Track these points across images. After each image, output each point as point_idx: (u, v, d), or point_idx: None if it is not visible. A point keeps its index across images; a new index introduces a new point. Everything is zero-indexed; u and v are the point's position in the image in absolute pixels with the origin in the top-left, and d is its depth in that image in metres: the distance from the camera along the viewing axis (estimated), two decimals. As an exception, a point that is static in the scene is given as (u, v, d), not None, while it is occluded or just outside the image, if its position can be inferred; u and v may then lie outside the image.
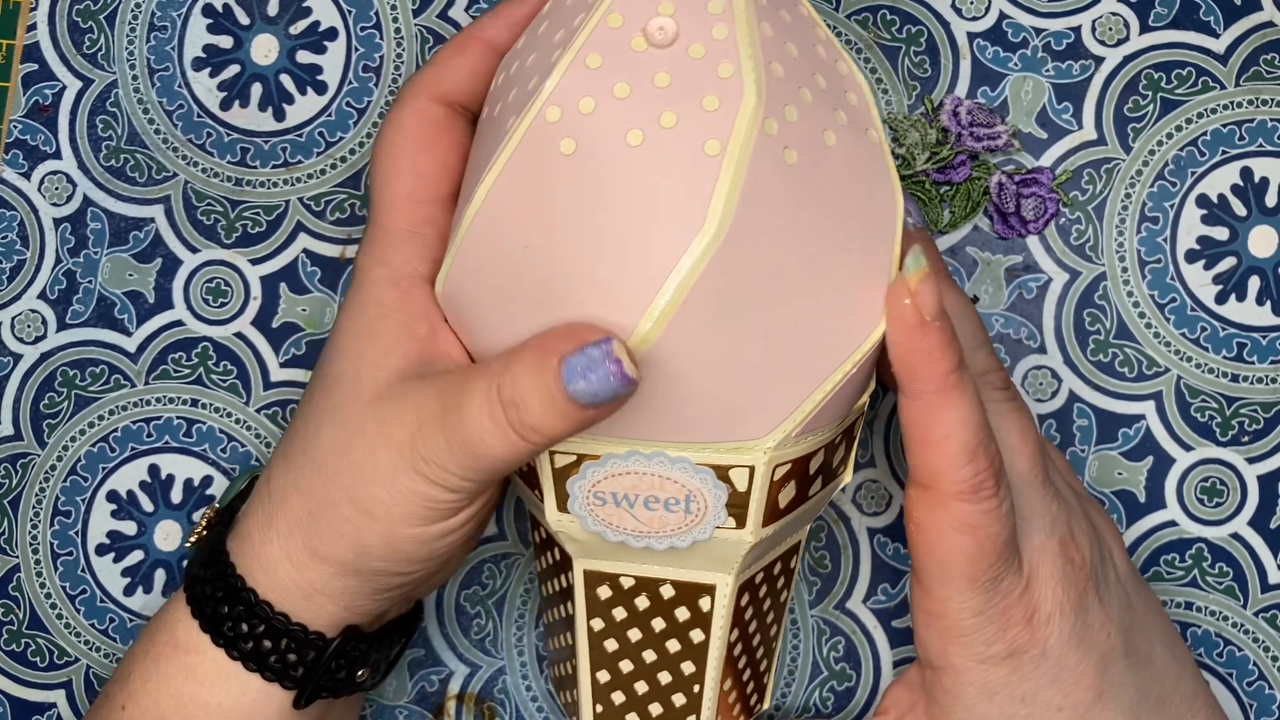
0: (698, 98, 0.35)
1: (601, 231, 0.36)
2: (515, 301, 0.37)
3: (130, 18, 0.52)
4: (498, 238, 0.37)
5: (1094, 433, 0.50)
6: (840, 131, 0.38)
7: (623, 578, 0.41)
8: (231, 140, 0.52)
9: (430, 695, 0.51)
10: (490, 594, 0.51)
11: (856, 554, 0.51)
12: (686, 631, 0.41)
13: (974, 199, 0.50)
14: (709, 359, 0.36)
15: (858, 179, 0.38)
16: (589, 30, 0.36)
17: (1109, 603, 0.42)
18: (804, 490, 0.40)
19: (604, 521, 0.39)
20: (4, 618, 0.52)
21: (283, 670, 0.41)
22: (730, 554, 0.40)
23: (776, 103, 0.36)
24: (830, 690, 0.51)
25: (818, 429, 0.39)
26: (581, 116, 0.36)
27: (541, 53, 0.38)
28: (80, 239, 0.52)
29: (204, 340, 0.52)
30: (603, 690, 0.42)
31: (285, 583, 0.41)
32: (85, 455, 0.51)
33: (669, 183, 0.35)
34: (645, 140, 0.35)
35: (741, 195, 0.35)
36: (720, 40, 0.36)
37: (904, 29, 0.51)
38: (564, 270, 0.36)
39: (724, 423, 0.37)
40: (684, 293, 0.35)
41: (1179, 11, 0.50)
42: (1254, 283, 0.50)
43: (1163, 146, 0.50)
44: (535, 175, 0.36)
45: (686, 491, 0.38)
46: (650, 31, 0.36)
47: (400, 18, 0.51)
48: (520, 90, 0.38)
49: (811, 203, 0.36)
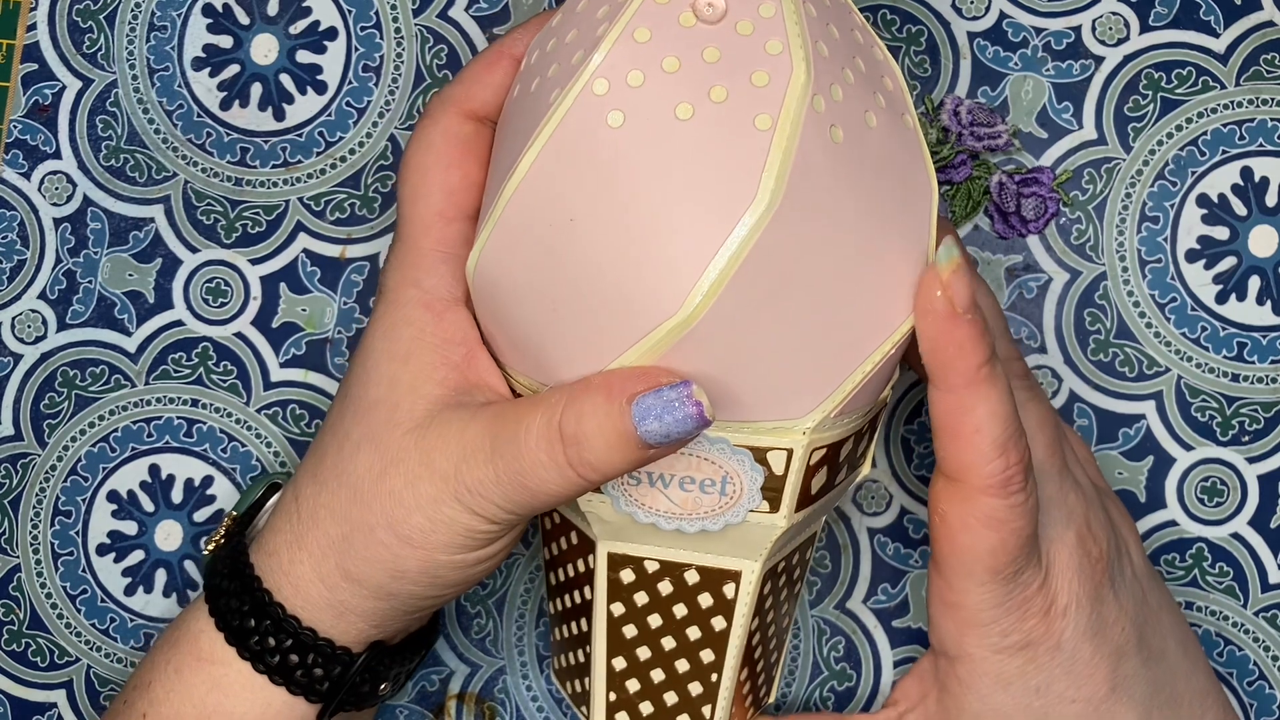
0: (747, 73, 0.35)
1: (651, 204, 0.35)
2: (556, 277, 0.37)
3: (130, 17, 0.52)
4: (540, 211, 0.37)
5: (1094, 432, 0.50)
6: (880, 114, 0.38)
7: (647, 561, 0.40)
8: (231, 140, 0.52)
9: (431, 695, 0.51)
10: (490, 594, 0.51)
11: (857, 554, 0.51)
12: (708, 618, 0.41)
13: (974, 198, 0.50)
14: (755, 335, 0.36)
15: (897, 162, 0.38)
16: (636, 5, 0.36)
17: (1124, 597, 0.42)
18: (833, 477, 0.40)
19: (637, 502, 0.39)
20: (4, 618, 0.52)
21: (308, 684, 0.41)
22: (760, 539, 0.39)
23: (824, 80, 0.36)
24: (831, 690, 0.51)
25: (853, 413, 0.39)
26: (630, 89, 0.36)
27: (583, 29, 0.38)
28: (80, 239, 0.51)
29: (204, 340, 0.51)
30: (618, 677, 0.42)
31: (317, 601, 0.41)
32: (85, 455, 0.51)
33: (720, 156, 0.35)
34: (695, 114, 0.35)
35: (792, 170, 0.35)
36: (768, 18, 0.36)
37: (904, 28, 0.51)
38: (611, 242, 0.36)
39: (766, 401, 0.37)
40: (735, 266, 0.35)
41: (1179, 11, 0.50)
42: (1254, 282, 0.50)
43: (1163, 146, 0.50)
44: (581, 148, 0.36)
45: (724, 473, 0.38)
46: (699, 7, 0.36)
47: (400, 17, 0.51)
48: (563, 65, 0.37)
49: (855, 182, 0.36)
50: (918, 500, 0.50)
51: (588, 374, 0.37)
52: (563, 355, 0.38)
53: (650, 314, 0.36)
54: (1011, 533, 0.39)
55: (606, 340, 0.37)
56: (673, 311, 0.35)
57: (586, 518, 0.40)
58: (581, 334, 0.37)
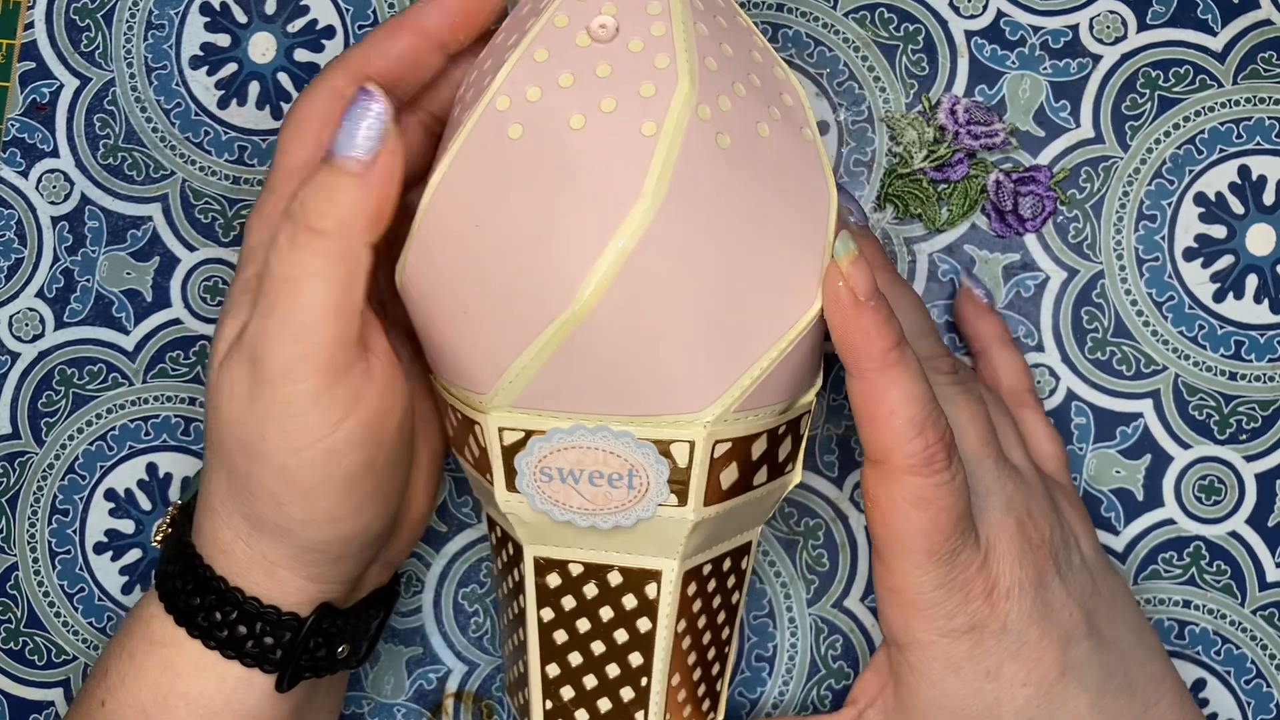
0: (636, 85, 0.38)
1: (547, 207, 0.38)
2: (465, 279, 0.39)
3: (128, 16, 0.52)
4: (450, 219, 0.39)
5: (1092, 431, 0.50)
6: (774, 125, 0.40)
7: (571, 564, 0.42)
8: (229, 138, 0.52)
9: (428, 693, 0.51)
10: (488, 592, 0.51)
11: (854, 552, 0.51)
12: (634, 620, 0.42)
13: (971, 197, 0.50)
14: (647, 329, 0.38)
15: (792, 170, 0.40)
16: (537, 30, 0.39)
17: (1071, 584, 0.43)
18: (748, 475, 0.41)
19: (551, 499, 0.40)
20: (2, 616, 0.52)
21: (260, 655, 0.41)
22: (674, 534, 0.41)
23: (710, 91, 0.38)
24: (828, 689, 0.51)
25: (757, 408, 0.40)
26: (528, 104, 0.38)
27: (495, 56, 0.41)
28: (78, 237, 0.52)
29: (201, 338, 0.52)
30: (552, 685, 0.43)
31: (245, 563, 0.41)
32: (83, 454, 0.52)
33: (608, 160, 0.38)
34: (587, 123, 0.38)
35: (675, 171, 0.37)
36: (658, 37, 0.39)
37: (902, 27, 0.51)
38: (511, 245, 0.38)
39: (663, 395, 0.39)
40: (621, 261, 0.37)
41: (1176, 9, 0.50)
42: (1252, 281, 0.50)
43: (1160, 144, 0.50)
44: (485, 159, 0.39)
45: (629, 466, 0.40)
46: (593, 28, 0.39)
47: (398, 16, 0.52)
48: (475, 90, 0.40)
49: (744, 185, 0.39)
50: (915, 499, 0.50)
51: (496, 372, 0.39)
52: (475, 356, 0.40)
53: (546, 310, 0.38)
54: (940, 510, 0.40)
55: (509, 338, 0.39)
56: (566, 306, 0.37)
57: (509, 520, 0.42)
58: (488, 333, 0.39)
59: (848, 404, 0.50)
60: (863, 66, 0.51)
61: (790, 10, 0.51)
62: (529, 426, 0.40)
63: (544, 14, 0.39)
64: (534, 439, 0.40)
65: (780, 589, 0.51)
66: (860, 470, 0.50)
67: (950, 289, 0.50)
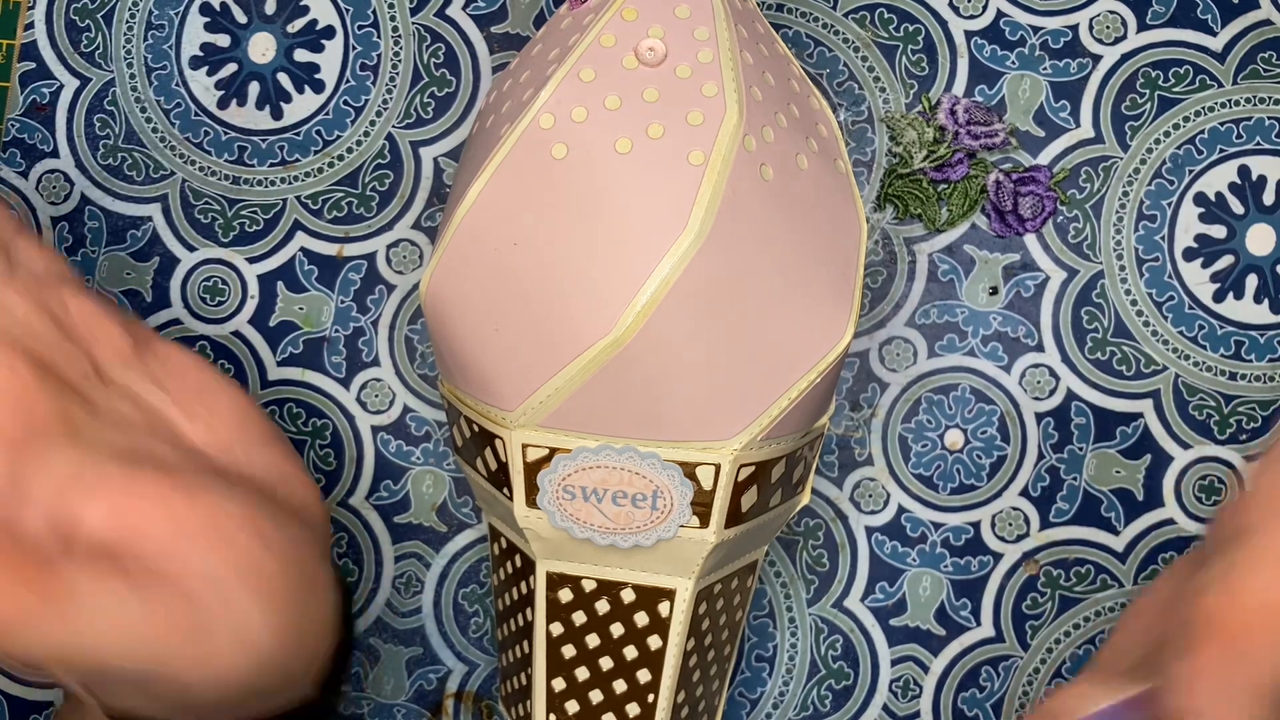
0: (684, 113, 0.38)
1: (589, 231, 0.38)
2: (499, 297, 0.39)
3: (128, 16, 0.52)
4: (487, 234, 0.39)
5: (1092, 431, 0.50)
6: (812, 158, 0.40)
7: (584, 580, 0.42)
8: (229, 139, 0.52)
9: (428, 694, 0.51)
10: (489, 592, 0.51)
11: (854, 552, 0.51)
12: (644, 638, 0.42)
13: (971, 197, 0.50)
14: (684, 359, 0.38)
15: (826, 203, 0.40)
16: (583, 48, 0.39)
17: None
18: (765, 498, 0.42)
19: (571, 517, 0.40)
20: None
21: None
22: (693, 555, 0.41)
23: (756, 122, 0.38)
24: (828, 689, 0.51)
25: (782, 436, 0.41)
26: (574, 124, 0.38)
27: (535, 69, 0.40)
28: (78, 238, 0.52)
29: (201, 339, 0.52)
30: (557, 699, 0.43)
31: None
32: (83, 454, 0.51)
33: (654, 188, 0.38)
34: (634, 148, 0.38)
35: (722, 203, 0.37)
36: (705, 63, 0.39)
37: (901, 27, 0.51)
38: (551, 266, 0.38)
39: (694, 422, 0.39)
40: (664, 291, 0.37)
41: (1176, 9, 0.50)
42: (1252, 281, 0.50)
43: (1160, 144, 0.50)
44: (527, 176, 0.39)
45: (654, 487, 0.40)
46: (641, 51, 0.39)
47: (398, 16, 0.52)
48: (514, 102, 0.40)
49: (785, 217, 0.39)
50: (915, 499, 0.50)
51: (526, 391, 0.39)
52: (503, 374, 0.40)
53: (585, 335, 0.38)
54: None
55: (542, 359, 0.39)
56: (606, 332, 0.38)
57: (525, 535, 0.41)
58: (520, 353, 0.39)
59: (848, 404, 0.50)
60: (862, 67, 0.51)
61: (790, 10, 0.51)
62: (554, 445, 0.40)
63: (589, 31, 0.39)
64: (559, 457, 0.40)
65: (780, 589, 0.51)
66: (858, 470, 0.50)
67: (950, 289, 0.50)
